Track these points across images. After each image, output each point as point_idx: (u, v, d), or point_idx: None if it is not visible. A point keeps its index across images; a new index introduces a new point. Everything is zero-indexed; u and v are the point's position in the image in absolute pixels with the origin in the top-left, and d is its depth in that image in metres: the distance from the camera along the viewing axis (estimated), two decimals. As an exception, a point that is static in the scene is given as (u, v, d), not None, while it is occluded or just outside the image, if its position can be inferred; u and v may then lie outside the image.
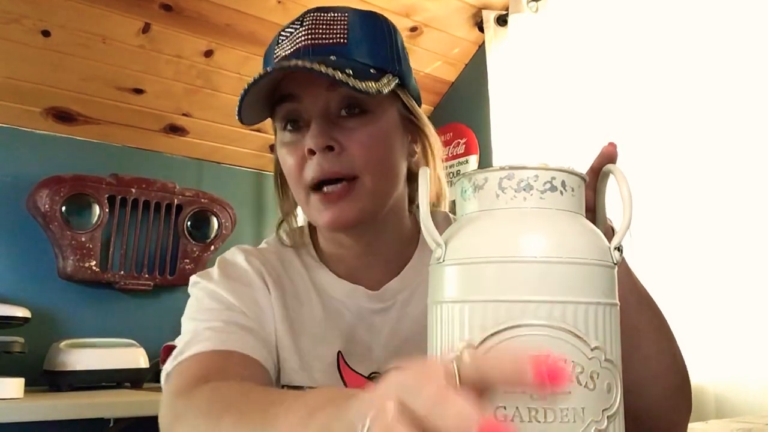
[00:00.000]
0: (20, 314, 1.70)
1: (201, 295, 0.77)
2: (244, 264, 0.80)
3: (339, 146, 0.71)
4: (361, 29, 0.74)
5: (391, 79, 0.73)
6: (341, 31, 0.73)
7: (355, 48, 0.72)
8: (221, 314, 0.73)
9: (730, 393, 1.48)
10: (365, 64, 0.72)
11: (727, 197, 1.55)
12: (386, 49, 0.75)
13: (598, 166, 0.58)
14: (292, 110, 0.74)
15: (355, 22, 0.74)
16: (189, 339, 0.71)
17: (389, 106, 0.75)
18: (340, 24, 0.73)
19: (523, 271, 0.44)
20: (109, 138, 2.12)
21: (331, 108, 0.72)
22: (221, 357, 0.68)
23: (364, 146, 0.71)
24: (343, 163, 0.70)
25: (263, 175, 2.45)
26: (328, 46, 0.72)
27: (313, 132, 0.70)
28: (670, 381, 0.69)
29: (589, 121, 1.85)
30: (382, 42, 0.75)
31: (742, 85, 1.56)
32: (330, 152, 0.70)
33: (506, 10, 2.14)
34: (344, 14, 0.75)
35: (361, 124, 0.72)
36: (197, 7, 1.89)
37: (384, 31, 0.76)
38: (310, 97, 0.72)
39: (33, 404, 1.47)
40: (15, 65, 1.84)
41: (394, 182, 0.76)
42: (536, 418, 0.42)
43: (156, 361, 2.01)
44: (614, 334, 0.46)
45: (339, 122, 0.72)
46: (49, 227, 1.94)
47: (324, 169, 0.70)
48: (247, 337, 0.72)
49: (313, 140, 0.69)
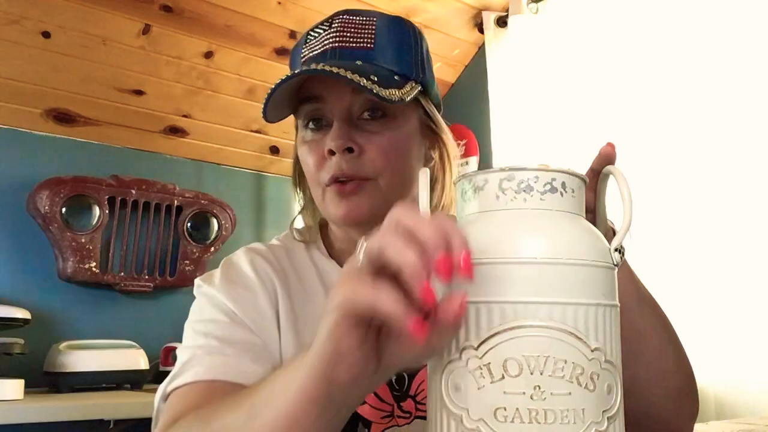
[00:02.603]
0: (20, 316, 1.70)
1: (203, 302, 0.78)
2: (248, 268, 0.80)
3: (359, 148, 0.72)
4: (388, 35, 0.75)
5: (414, 86, 0.74)
6: (369, 36, 0.74)
7: (381, 54, 0.74)
8: (220, 328, 0.74)
9: (731, 394, 1.48)
10: (390, 70, 0.73)
11: (727, 198, 1.55)
12: (411, 57, 0.77)
13: (598, 167, 0.58)
14: (316, 110, 0.75)
15: (383, 27, 0.75)
16: (186, 360, 0.71)
17: (411, 112, 0.77)
18: (368, 29, 0.75)
19: (523, 272, 0.44)
20: (109, 139, 2.12)
21: (354, 110, 0.73)
22: (211, 389, 0.68)
23: (382, 150, 0.73)
24: (361, 166, 0.72)
25: (263, 176, 2.45)
26: (356, 49, 0.73)
27: (334, 133, 0.71)
28: (674, 383, 0.69)
29: (589, 122, 1.85)
30: (407, 49, 0.77)
31: (742, 85, 1.56)
32: (349, 154, 0.72)
33: (506, 11, 2.14)
34: (372, 19, 0.76)
35: (382, 129, 0.73)
36: (197, 9, 1.89)
37: (410, 38, 0.78)
38: (334, 98, 0.73)
39: (33, 406, 1.47)
40: (15, 66, 1.84)
41: (408, 187, 0.77)
42: (536, 419, 0.42)
43: (156, 362, 2.01)
44: (614, 336, 0.46)
45: (360, 125, 0.73)
46: (49, 228, 1.94)
47: (342, 169, 0.72)
48: (241, 359, 0.71)
49: (334, 141, 0.71)
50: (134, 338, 1.94)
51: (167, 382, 0.71)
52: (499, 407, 0.42)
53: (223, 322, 0.74)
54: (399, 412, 0.74)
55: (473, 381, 0.43)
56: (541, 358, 0.42)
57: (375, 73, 0.70)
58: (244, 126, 2.27)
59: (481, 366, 0.43)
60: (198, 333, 0.74)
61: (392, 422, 0.74)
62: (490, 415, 0.42)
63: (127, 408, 1.55)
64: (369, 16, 0.76)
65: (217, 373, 0.69)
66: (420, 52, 0.78)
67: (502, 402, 0.42)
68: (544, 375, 0.42)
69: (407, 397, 0.75)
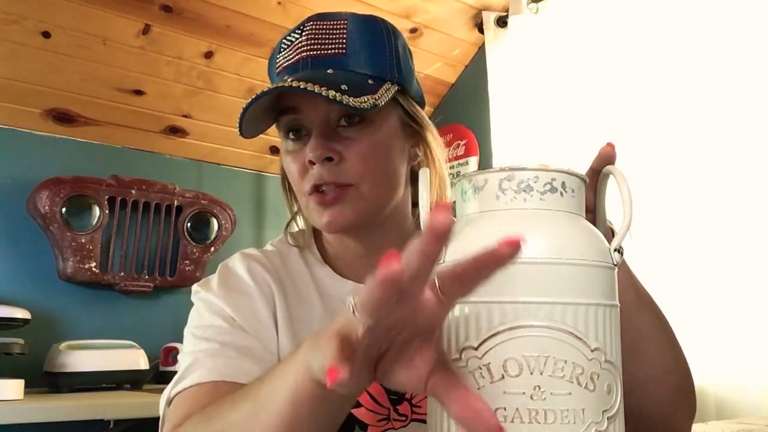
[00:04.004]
0: (20, 316, 1.70)
1: (202, 308, 0.78)
2: (244, 273, 0.80)
3: (338, 156, 0.72)
4: (360, 38, 0.74)
5: (390, 87, 0.74)
6: (340, 41, 0.74)
7: (353, 58, 0.73)
8: (219, 334, 0.74)
9: (731, 394, 1.48)
10: (363, 74, 0.73)
11: (727, 198, 1.55)
12: (385, 57, 0.76)
13: (598, 167, 0.58)
14: (294, 121, 0.75)
15: (354, 30, 0.75)
16: (189, 364, 0.72)
17: (389, 113, 0.76)
18: (338, 33, 0.74)
19: (523, 272, 0.44)
20: (109, 139, 2.12)
21: (331, 119, 0.73)
22: (215, 390, 0.69)
23: (362, 157, 0.72)
24: (342, 173, 0.72)
25: (263, 176, 2.45)
26: (327, 57, 0.73)
27: (312, 144, 0.71)
28: (672, 382, 0.69)
29: (589, 122, 1.85)
30: (381, 49, 0.76)
31: (742, 85, 1.56)
32: (329, 162, 0.72)
33: (506, 11, 2.14)
34: (344, 21, 0.75)
35: (360, 134, 0.73)
36: (197, 9, 1.89)
37: (383, 38, 0.77)
38: (310, 109, 0.73)
39: (33, 406, 1.47)
40: (15, 66, 1.84)
41: (393, 188, 0.77)
42: (536, 419, 0.42)
43: (156, 362, 2.01)
44: (614, 336, 0.46)
45: (339, 132, 0.73)
46: (49, 229, 1.94)
47: (324, 178, 0.72)
48: (243, 361, 0.72)
49: (313, 152, 0.71)
50: (134, 338, 1.94)
51: (171, 387, 0.71)
52: (499, 407, 0.42)
53: (223, 327, 0.74)
54: (395, 416, 0.74)
55: (473, 381, 0.43)
56: (541, 358, 0.42)
57: (347, 81, 0.69)
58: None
59: (481, 366, 0.43)
60: (198, 338, 0.74)
61: (388, 425, 0.74)
62: (490, 415, 0.42)
63: (127, 408, 1.55)
64: (340, 20, 0.75)
65: (220, 375, 0.69)
66: (394, 51, 0.77)
67: (502, 402, 0.42)
68: (544, 375, 0.42)
69: (403, 401, 0.75)
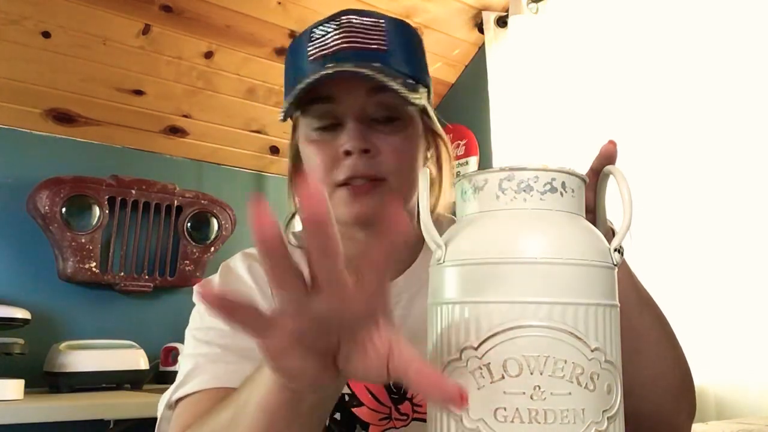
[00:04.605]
0: (20, 316, 1.70)
1: (203, 309, 0.78)
2: (245, 273, 0.80)
3: (375, 150, 0.72)
4: (397, 38, 0.75)
5: (423, 90, 0.75)
6: (381, 38, 0.74)
7: (393, 56, 0.73)
8: (220, 336, 0.74)
9: (731, 394, 1.48)
10: (404, 73, 0.73)
11: (727, 198, 1.55)
12: (418, 60, 0.77)
13: (599, 167, 0.58)
14: (328, 111, 0.74)
15: (392, 30, 0.75)
16: (190, 369, 0.72)
17: (417, 115, 0.77)
18: (379, 29, 0.74)
19: (523, 272, 0.44)
20: (109, 139, 2.12)
21: (368, 112, 0.73)
22: (216, 397, 0.69)
23: (396, 152, 0.73)
24: (376, 167, 0.72)
25: (263, 176, 2.45)
26: (370, 51, 0.73)
27: (351, 134, 0.71)
28: (672, 383, 0.69)
29: (589, 122, 1.85)
30: (415, 53, 0.77)
31: (742, 85, 1.56)
32: (365, 155, 0.72)
33: (506, 11, 2.14)
34: (381, 20, 0.75)
35: (395, 131, 0.74)
36: (197, 9, 1.89)
37: (416, 42, 0.78)
38: (349, 99, 0.72)
39: (33, 406, 1.47)
40: (15, 66, 1.84)
41: (415, 187, 0.78)
42: (536, 419, 0.42)
43: (156, 362, 2.01)
44: (614, 336, 0.46)
45: (373, 126, 0.73)
46: (49, 228, 1.94)
47: (358, 170, 0.71)
48: (244, 364, 0.72)
49: (351, 142, 0.71)
50: (134, 338, 1.94)
51: (172, 391, 0.72)
52: (499, 407, 0.42)
53: (224, 329, 0.74)
54: (396, 415, 0.74)
55: (473, 381, 0.43)
56: (541, 358, 0.42)
57: (393, 76, 0.70)
58: (244, 126, 2.27)
59: (481, 366, 0.43)
60: (199, 341, 0.75)
61: (390, 424, 0.74)
62: (490, 415, 0.42)
63: (127, 408, 1.56)
64: (376, 18, 0.75)
65: (221, 381, 0.70)
66: (423, 56, 0.79)
67: (502, 402, 0.42)
68: (544, 375, 0.42)
69: (405, 400, 0.75)
